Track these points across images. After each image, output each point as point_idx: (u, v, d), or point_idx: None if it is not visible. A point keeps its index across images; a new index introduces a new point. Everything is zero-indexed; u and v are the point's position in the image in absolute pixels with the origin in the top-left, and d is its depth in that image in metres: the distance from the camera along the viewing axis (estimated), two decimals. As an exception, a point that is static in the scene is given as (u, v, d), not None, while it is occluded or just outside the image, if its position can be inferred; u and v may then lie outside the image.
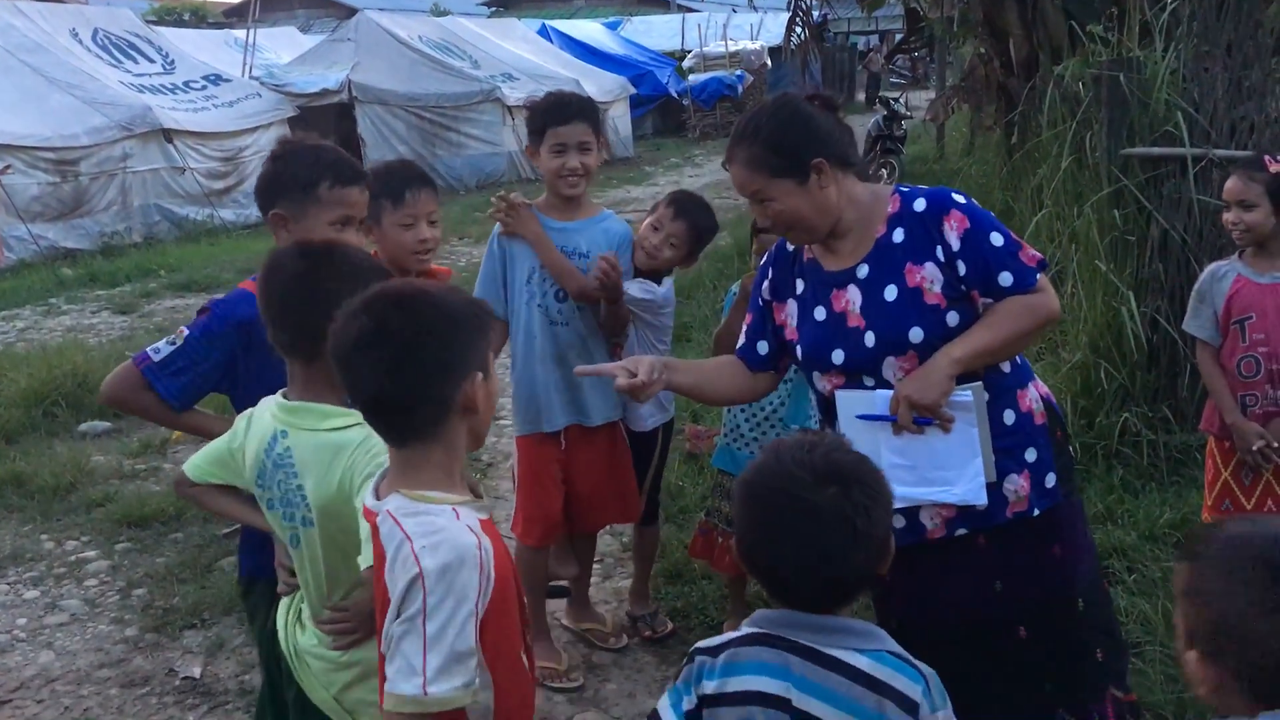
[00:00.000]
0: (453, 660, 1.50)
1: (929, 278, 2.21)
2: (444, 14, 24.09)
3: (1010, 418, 2.26)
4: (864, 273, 2.27)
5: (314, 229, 2.26)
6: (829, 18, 19.00)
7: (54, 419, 5.98)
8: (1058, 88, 5.34)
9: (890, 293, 2.23)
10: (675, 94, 23.38)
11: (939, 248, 2.22)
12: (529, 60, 18.47)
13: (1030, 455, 2.27)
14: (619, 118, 19.66)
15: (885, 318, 2.23)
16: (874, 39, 33.22)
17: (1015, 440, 2.26)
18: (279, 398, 2.00)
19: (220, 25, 27.83)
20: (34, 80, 11.91)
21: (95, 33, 13.69)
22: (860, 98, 27.11)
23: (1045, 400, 2.36)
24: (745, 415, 3.33)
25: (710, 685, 1.65)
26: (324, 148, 2.41)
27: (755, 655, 1.64)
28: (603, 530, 3.80)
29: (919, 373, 2.18)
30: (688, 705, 1.67)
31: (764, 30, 26.51)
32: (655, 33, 26.72)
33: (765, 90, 21.53)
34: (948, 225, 2.22)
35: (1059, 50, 6.86)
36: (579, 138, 3.07)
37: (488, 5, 34.87)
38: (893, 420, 2.19)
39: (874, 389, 2.25)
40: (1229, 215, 3.12)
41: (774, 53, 24.12)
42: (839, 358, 2.27)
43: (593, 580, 3.76)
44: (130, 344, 7.23)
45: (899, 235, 2.26)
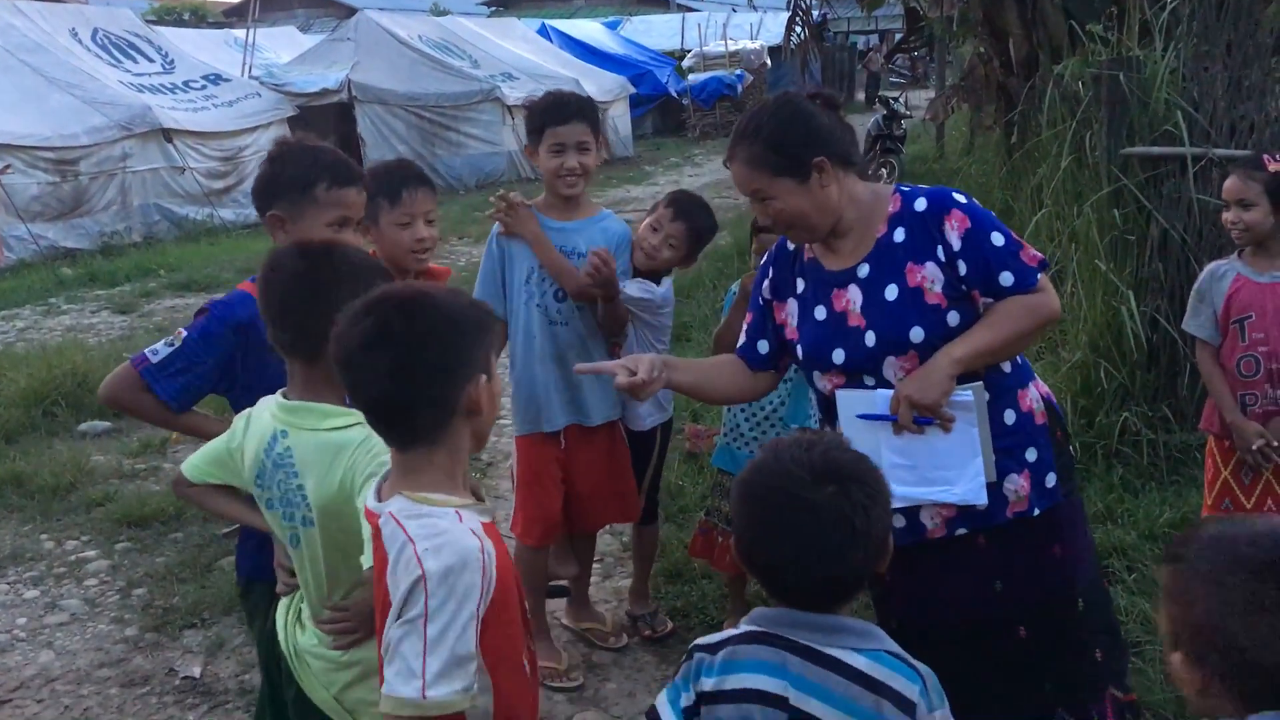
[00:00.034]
0: (453, 664, 1.49)
1: (930, 277, 2.21)
2: (444, 13, 24.08)
3: (1011, 417, 2.26)
4: (865, 272, 2.27)
5: (311, 230, 2.25)
6: (829, 17, 19.02)
7: (54, 419, 5.98)
8: (1057, 87, 5.34)
9: (891, 292, 2.23)
10: (675, 93, 23.39)
11: (940, 247, 2.22)
12: (529, 60, 18.47)
13: (1031, 455, 2.27)
14: (619, 117, 19.67)
15: (886, 317, 2.22)
16: (874, 38, 33.25)
17: (1016, 440, 2.26)
18: (279, 397, 1.99)
19: (220, 25, 27.82)
20: (34, 80, 11.92)
21: (95, 32, 13.71)
22: (860, 97, 27.12)
23: (1046, 400, 2.36)
24: (745, 414, 3.33)
25: (709, 682, 1.66)
26: (321, 149, 2.40)
27: (753, 653, 1.64)
28: (602, 530, 3.79)
29: (919, 372, 2.18)
30: (686, 702, 1.67)
31: (764, 30, 26.51)
32: (655, 32, 26.73)
33: (765, 90, 21.52)
34: (949, 225, 2.22)
35: (1059, 50, 6.86)
36: (577, 138, 3.07)
37: (487, 5, 34.87)
38: (893, 420, 2.19)
39: (874, 388, 2.25)
40: (1228, 214, 3.12)
41: (774, 52, 24.13)
42: (839, 357, 2.27)
43: (592, 580, 3.76)
44: (130, 344, 7.23)
45: (900, 235, 2.25)
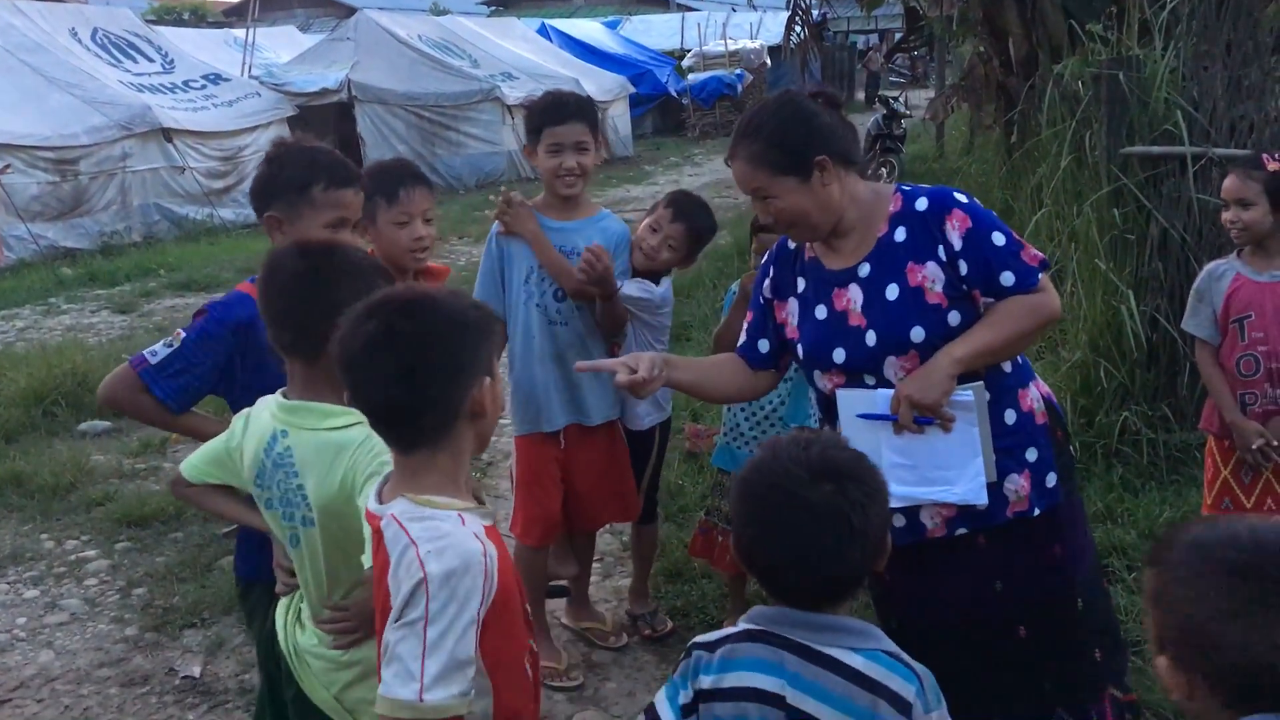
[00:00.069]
0: (452, 667, 1.49)
1: (930, 277, 2.21)
2: (443, 13, 24.07)
3: (1011, 417, 2.26)
4: (865, 271, 2.27)
5: (308, 231, 2.25)
6: (828, 17, 19.00)
7: (54, 418, 5.98)
8: (1057, 87, 5.33)
9: (892, 292, 2.23)
10: (675, 93, 23.39)
11: (941, 247, 2.21)
12: (528, 59, 18.47)
13: (1031, 455, 2.27)
14: (618, 117, 19.67)
15: (887, 317, 2.22)
16: (873, 38, 33.26)
17: (1016, 440, 2.26)
18: (278, 397, 1.99)
19: (220, 24, 27.82)
20: (33, 80, 11.92)
21: (95, 32, 13.71)
22: (860, 97, 27.11)
23: (1046, 400, 2.35)
24: (745, 414, 3.33)
25: (707, 680, 1.66)
26: (318, 149, 2.40)
27: (751, 652, 1.65)
28: (602, 529, 3.80)
29: (920, 372, 2.18)
30: (684, 699, 1.67)
31: (763, 29, 26.52)
32: (655, 32, 26.73)
33: (765, 89, 21.52)
34: (950, 224, 2.21)
35: (1058, 49, 6.86)
36: (575, 138, 3.06)
37: (487, 4, 34.84)
38: (893, 419, 2.19)
39: (875, 388, 2.24)
40: (1227, 214, 3.12)
41: (773, 52, 24.13)
42: (840, 357, 2.27)
43: (592, 579, 3.76)
44: (130, 343, 7.24)
45: (901, 234, 2.25)
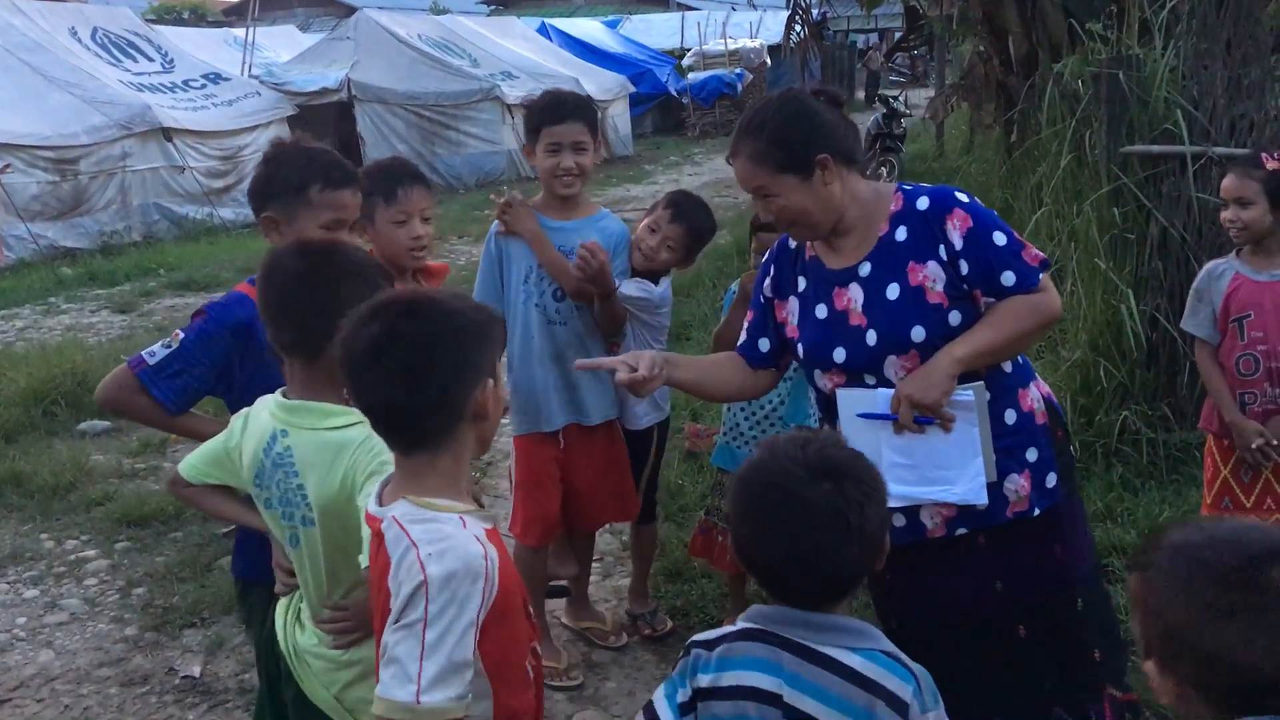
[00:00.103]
0: (450, 670, 1.49)
1: (931, 276, 2.20)
2: (443, 12, 24.09)
3: (1011, 417, 2.26)
4: (866, 271, 2.26)
5: (304, 232, 2.24)
6: (828, 16, 19.02)
7: (53, 418, 5.98)
8: (1057, 86, 5.33)
9: (892, 291, 2.22)
10: (674, 92, 23.40)
11: (942, 246, 2.21)
12: (528, 59, 18.47)
13: (1031, 455, 2.26)
14: (618, 116, 19.67)
15: (887, 316, 2.22)
16: (873, 37, 33.27)
17: (1016, 440, 2.25)
18: (278, 397, 1.99)
19: (219, 24, 27.82)
20: (33, 79, 11.92)
21: (94, 31, 13.71)
22: (860, 96, 27.10)
23: (1047, 400, 2.35)
24: (745, 414, 3.32)
25: (705, 679, 1.66)
26: (316, 150, 2.39)
27: (748, 650, 1.65)
28: (602, 529, 3.79)
29: (920, 372, 2.17)
30: (682, 698, 1.67)
31: (763, 28, 26.52)
32: (654, 31, 26.73)
33: (765, 89, 21.52)
34: (951, 224, 2.21)
35: (1058, 48, 6.86)
36: (574, 137, 3.06)
37: (487, 4, 34.83)
38: (894, 419, 2.18)
39: (875, 387, 2.24)
40: (1226, 213, 3.12)
41: (773, 51, 24.14)
42: (840, 356, 2.27)
43: (592, 579, 3.76)
44: (129, 343, 7.24)
45: (902, 233, 2.25)
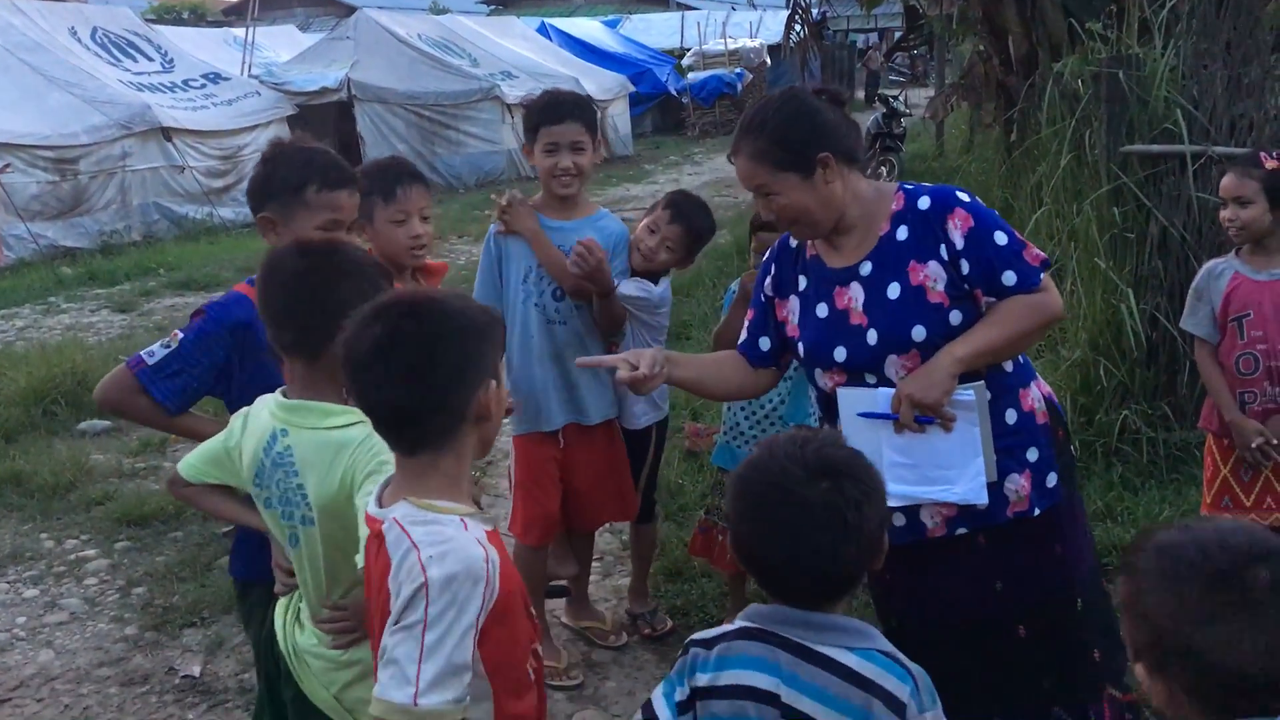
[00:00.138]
0: (448, 673, 1.48)
1: (932, 276, 2.20)
2: (443, 12, 24.10)
3: (1012, 417, 2.25)
4: (867, 270, 2.26)
5: (301, 232, 2.23)
6: (828, 15, 19.02)
7: (53, 418, 5.98)
8: (1057, 85, 5.33)
9: (893, 290, 2.22)
10: (674, 92, 23.40)
11: (943, 246, 2.21)
12: (528, 58, 18.47)
13: (1032, 455, 2.26)
14: (618, 116, 19.67)
15: (888, 316, 2.21)
16: (873, 37, 33.27)
17: (1017, 440, 2.25)
18: (278, 396, 1.98)
19: (219, 23, 27.82)
20: (33, 79, 11.92)
21: (94, 31, 13.71)
22: (859, 95, 27.09)
23: (1047, 399, 2.35)
24: (745, 413, 3.32)
25: (704, 678, 1.66)
26: (314, 150, 2.39)
27: (746, 650, 1.65)
28: (602, 528, 3.79)
29: (921, 371, 2.17)
30: (680, 696, 1.68)
31: (763, 28, 26.53)
32: (654, 31, 26.73)
33: (765, 88, 21.51)
34: (952, 224, 2.21)
35: (1058, 47, 6.86)
36: (572, 137, 3.05)
37: (487, 3, 34.83)
38: (894, 418, 2.18)
39: (876, 387, 2.24)
40: (1225, 212, 3.11)
41: (773, 50, 24.13)
42: (841, 355, 2.27)
43: (592, 578, 3.76)
44: (129, 343, 7.23)
45: (903, 233, 2.24)
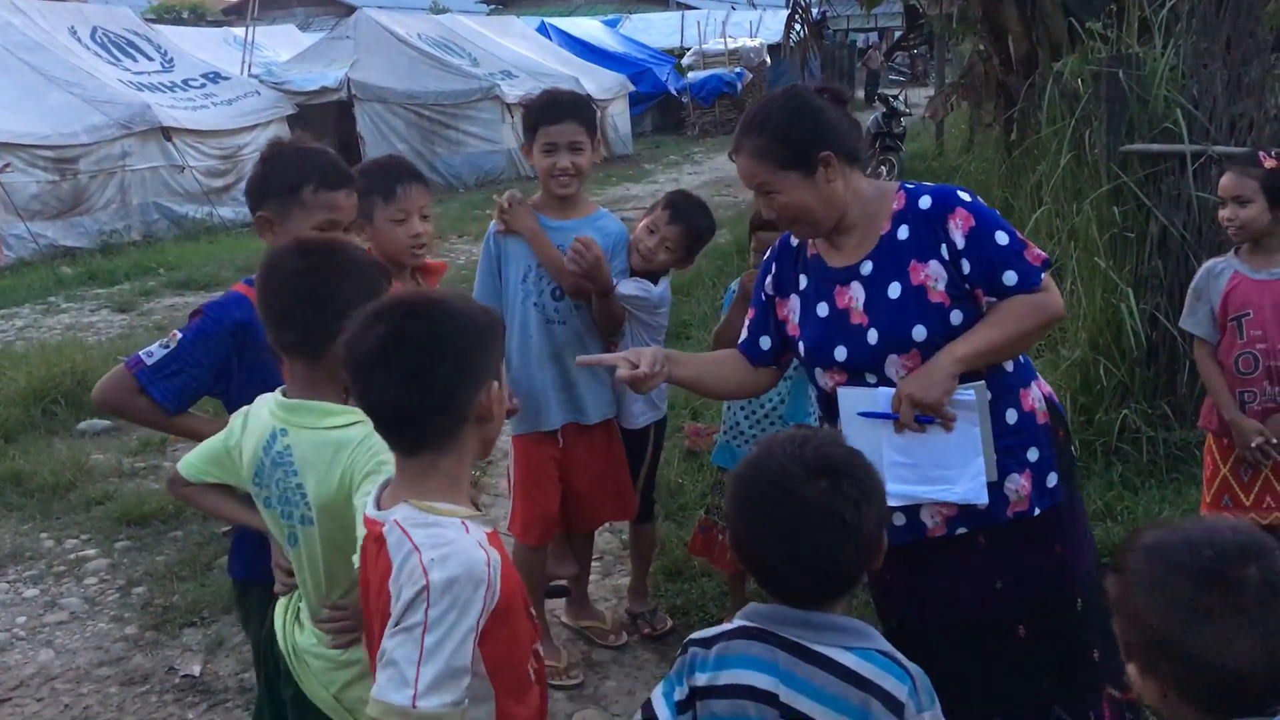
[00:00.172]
0: (447, 675, 1.48)
1: (933, 276, 2.20)
2: (443, 11, 24.10)
3: (1013, 417, 2.25)
4: (868, 269, 2.26)
5: (298, 232, 2.23)
6: (828, 15, 19.02)
7: (53, 417, 5.98)
8: (1057, 85, 5.33)
9: (894, 290, 2.22)
10: (674, 91, 23.39)
11: (944, 246, 2.20)
12: (528, 58, 18.47)
13: (1032, 454, 2.26)
14: (618, 115, 19.66)
15: (888, 315, 2.21)
16: (873, 36, 33.28)
17: (1017, 439, 2.25)
18: (277, 395, 1.98)
19: (219, 23, 27.79)
20: (33, 78, 11.91)
21: (94, 30, 13.70)
22: (859, 95, 27.08)
23: (1048, 399, 2.34)
24: (745, 412, 3.32)
25: (703, 677, 1.66)
26: (312, 150, 2.38)
27: (745, 649, 1.65)
28: (602, 528, 3.79)
29: (922, 371, 2.17)
30: (679, 696, 1.68)
31: (763, 27, 26.52)
32: (654, 30, 26.72)
33: (764, 88, 21.51)
34: (953, 223, 2.20)
35: (1058, 47, 6.86)
36: (570, 137, 3.05)
37: (487, 3, 34.83)
38: (895, 418, 2.18)
39: (876, 386, 2.23)
40: (1224, 211, 3.11)
41: (773, 50, 24.13)
42: (841, 355, 2.26)
43: (592, 578, 3.76)
44: (129, 342, 7.24)
45: (904, 232, 2.24)
